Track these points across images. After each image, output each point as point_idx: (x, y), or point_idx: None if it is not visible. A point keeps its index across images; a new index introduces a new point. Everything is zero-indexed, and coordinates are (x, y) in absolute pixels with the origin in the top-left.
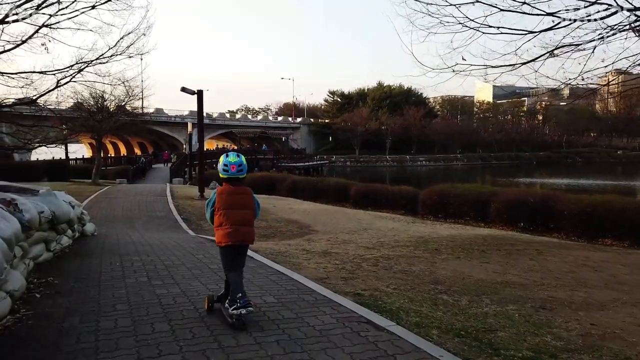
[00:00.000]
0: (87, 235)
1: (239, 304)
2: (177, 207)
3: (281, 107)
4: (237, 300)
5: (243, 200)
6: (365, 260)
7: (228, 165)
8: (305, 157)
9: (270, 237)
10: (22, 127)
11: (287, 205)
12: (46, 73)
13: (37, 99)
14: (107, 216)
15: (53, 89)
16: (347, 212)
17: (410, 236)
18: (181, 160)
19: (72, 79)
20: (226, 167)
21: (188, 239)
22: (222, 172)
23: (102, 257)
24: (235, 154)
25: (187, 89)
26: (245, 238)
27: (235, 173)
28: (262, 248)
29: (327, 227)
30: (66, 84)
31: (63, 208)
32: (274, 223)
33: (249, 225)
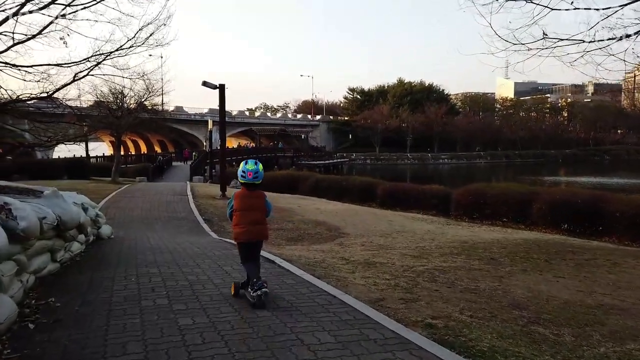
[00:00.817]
0: (103, 239)
1: (256, 287)
2: (199, 207)
3: (300, 104)
4: (254, 285)
5: (256, 203)
6: (418, 274)
7: (245, 172)
8: (325, 155)
9: (298, 240)
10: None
11: (312, 205)
12: (62, 65)
13: (53, 93)
14: (125, 217)
15: (69, 82)
16: (375, 213)
17: (451, 241)
18: (201, 158)
19: (90, 73)
20: (244, 174)
21: (211, 243)
22: (240, 178)
23: (117, 268)
24: (253, 162)
25: (208, 83)
26: (258, 236)
27: (251, 179)
28: (295, 256)
29: (357, 229)
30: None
31: (71, 212)
32: (300, 225)
33: (261, 224)
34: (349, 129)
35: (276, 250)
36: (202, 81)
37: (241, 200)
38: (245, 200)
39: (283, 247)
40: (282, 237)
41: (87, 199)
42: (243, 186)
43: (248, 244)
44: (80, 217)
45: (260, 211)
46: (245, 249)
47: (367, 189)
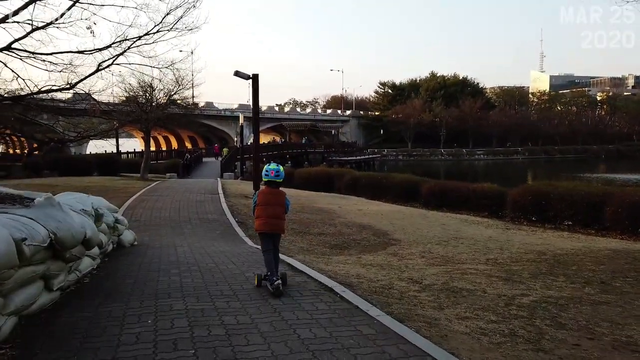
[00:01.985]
0: (124, 247)
1: (269, 281)
2: (231, 207)
3: (329, 100)
4: (268, 277)
5: (276, 199)
6: (529, 311)
7: (269, 171)
8: (356, 151)
9: (344, 248)
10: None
11: (353, 205)
12: (84, 52)
13: (76, 84)
14: (152, 218)
15: (93, 73)
16: (425, 215)
17: (524, 251)
18: (232, 154)
19: (115, 62)
20: (267, 173)
21: (248, 255)
22: (264, 176)
23: (131, 298)
24: (275, 163)
25: (241, 73)
26: (275, 228)
27: (273, 177)
28: (353, 277)
29: (408, 234)
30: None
31: (71, 226)
32: (344, 229)
33: (279, 218)
34: (380, 124)
35: (324, 264)
36: (234, 71)
37: (264, 196)
38: (268, 197)
39: (329, 258)
40: (325, 243)
41: (105, 201)
42: (266, 184)
43: (267, 235)
44: (87, 231)
45: (280, 206)
46: (265, 239)
47: (409, 187)
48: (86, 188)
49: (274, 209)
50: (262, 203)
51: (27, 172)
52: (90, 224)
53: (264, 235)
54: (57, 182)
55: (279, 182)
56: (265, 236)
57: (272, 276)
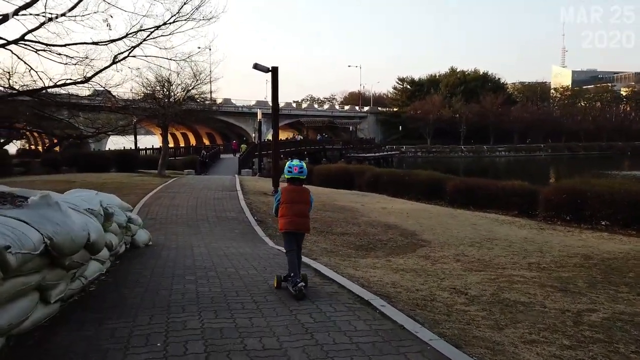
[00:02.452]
0: (138, 247)
1: (291, 282)
2: (250, 205)
3: (346, 96)
4: (290, 279)
5: (301, 197)
6: (604, 332)
7: (292, 167)
8: (375, 147)
9: (370, 249)
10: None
11: (376, 203)
12: (99, 44)
13: (92, 78)
14: (168, 216)
15: (109, 65)
16: (453, 214)
17: (567, 254)
18: (250, 151)
19: (131, 54)
20: (290, 169)
21: (270, 258)
22: (287, 173)
23: (139, 312)
24: (298, 159)
25: (260, 66)
26: (301, 227)
27: (297, 174)
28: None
29: (437, 234)
30: (124, 59)
31: (71, 228)
32: (368, 228)
33: (304, 217)
34: (398, 120)
35: (353, 268)
36: (253, 64)
37: (288, 194)
38: (292, 194)
39: (356, 262)
40: (349, 244)
41: (116, 199)
42: (289, 181)
43: (292, 234)
44: (91, 233)
45: (305, 204)
46: (290, 238)
47: (433, 184)
48: (103, 184)
49: (299, 207)
50: (286, 201)
51: (45, 169)
52: (95, 226)
53: (289, 234)
54: (75, 179)
55: (302, 179)
56: (289, 235)
57: (295, 277)
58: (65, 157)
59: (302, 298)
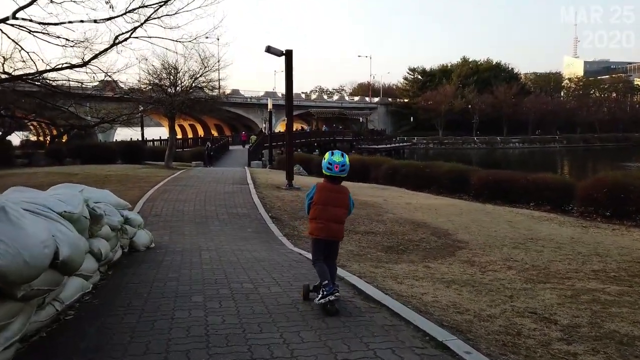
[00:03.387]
0: (138, 251)
1: (324, 292)
2: (262, 200)
3: (355, 87)
4: (325, 287)
5: (339, 199)
6: None
7: (332, 164)
8: (386, 139)
9: (401, 252)
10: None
11: (398, 198)
12: (97, 21)
13: (90, 61)
14: (174, 213)
15: (109, 47)
16: (484, 210)
17: (632, 258)
18: (259, 142)
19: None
20: (330, 166)
21: (291, 265)
22: (326, 170)
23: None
24: (340, 153)
25: (273, 49)
26: (335, 235)
27: (337, 172)
28: (451, 308)
29: (474, 234)
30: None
31: (24, 246)
32: (395, 226)
33: (339, 223)
34: (409, 111)
35: (392, 279)
36: (266, 46)
37: (324, 194)
38: (329, 194)
39: (392, 270)
40: (376, 245)
41: (111, 196)
42: (326, 179)
43: (324, 242)
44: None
45: (343, 208)
46: (320, 246)
47: (458, 177)
48: (106, 177)
49: (336, 211)
50: (320, 202)
51: (49, 160)
52: (69, 237)
53: (319, 242)
54: (77, 171)
55: (343, 178)
56: (319, 243)
57: (327, 286)
58: (69, 148)
59: (334, 314)
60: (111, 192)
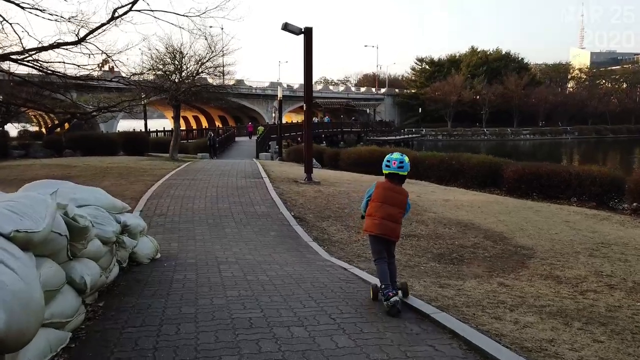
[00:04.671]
0: (141, 264)
1: (383, 294)
2: (282, 196)
3: (360, 78)
4: (383, 291)
5: (396, 199)
6: None
7: (390, 161)
8: (394, 130)
9: (456, 260)
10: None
11: (431, 193)
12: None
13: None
14: (182, 212)
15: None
16: (531, 207)
17: None
18: (267, 133)
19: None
20: (388, 163)
21: (339, 283)
22: (385, 168)
23: None
24: (399, 153)
25: (291, 26)
26: (390, 233)
27: (395, 169)
28: None
29: (533, 237)
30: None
31: None
32: (439, 228)
33: (394, 222)
34: (417, 102)
35: (479, 309)
36: (282, 24)
37: (382, 191)
38: (387, 193)
39: (460, 291)
40: (425, 252)
41: (104, 195)
42: (386, 177)
43: (380, 239)
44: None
45: (399, 208)
46: (377, 244)
47: (488, 170)
48: (106, 170)
49: (392, 210)
50: (377, 199)
51: (47, 151)
52: (13, 285)
53: (376, 238)
54: (76, 163)
55: (402, 176)
56: (376, 240)
57: (387, 289)
58: (69, 139)
59: (395, 314)
60: (110, 187)
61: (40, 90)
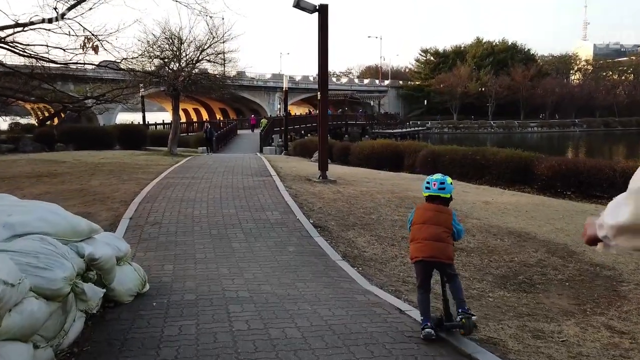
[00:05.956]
0: (122, 304)
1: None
2: (296, 198)
3: (363, 70)
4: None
5: (439, 217)
6: None
7: (430, 182)
8: (400, 123)
9: (527, 288)
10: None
11: (465, 194)
12: None
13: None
14: (180, 219)
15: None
16: (585, 210)
17: None
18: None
19: None
20: (428, 185)
21: (398, 346)
22: (424, 190)
23: None
24: (440, 174)
25: (303, 3)
26: (438, 254)
27: (436, 190)
28: None
29: (607, 253)
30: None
31: None
32: (488, 238)
33: (441, 241)
34: (421, 94)
35: None
36: (294, 1)
37: (423, 212)
38: (426, 213)
39: (564, 345)
40: (482, 275)
41: (65, 216)
42: (426, 199)
43: (424, 264)
44: None
45: (443, 227)
46: (421, 270)
47: (517, 166)
48: (97, 166)
49: (434, 229)
50: (418, 221)
51: (38, 145)
52: None
53: (422, 265)
54: (66, 158)
55: (445, 198)
56: (424, 268)
57: (424, 320)
58: (61, 132)
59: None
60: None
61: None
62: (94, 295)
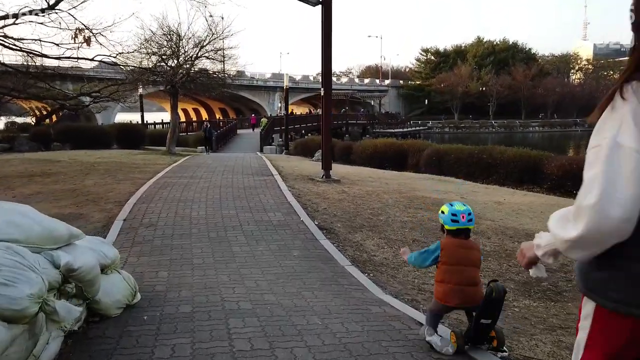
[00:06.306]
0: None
1: None
2: (299, 198)
3: (363, 70)
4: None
5: (473, 256)
6: None
7: (457, 214)
8: (400, 123)
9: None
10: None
11: (474, 193)
12: None
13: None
14: (177, 221)
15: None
16: None
17: None
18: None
19: None
20: (455, 217)
21: None
22: (451, 224)
23: None
24: (461, 203)
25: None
26: (471, 301)
27: (465, 223)
28: None
29: None
30: None
31: None
32: (507, 242)
33: (476, 285)
34: (422, 94)
35: None
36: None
37: (455, 250)
38: (459, 251)
39: None
40: (503, 281)
41: (40, 220)
42: (449, 233)
43: (455, 308)
44: None
45: (477, 267)
46: (447, 310)
47: (526, 165)
48: (93, 165)
49: (470, 271)
50: (450, 261)
51: (34, 145)
52: None
53: (449, 309)
54: (61, 157)
55: (470, 230)
56: (448, 310)
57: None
58: (58, 131)
59: None
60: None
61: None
62: (67, 315)
